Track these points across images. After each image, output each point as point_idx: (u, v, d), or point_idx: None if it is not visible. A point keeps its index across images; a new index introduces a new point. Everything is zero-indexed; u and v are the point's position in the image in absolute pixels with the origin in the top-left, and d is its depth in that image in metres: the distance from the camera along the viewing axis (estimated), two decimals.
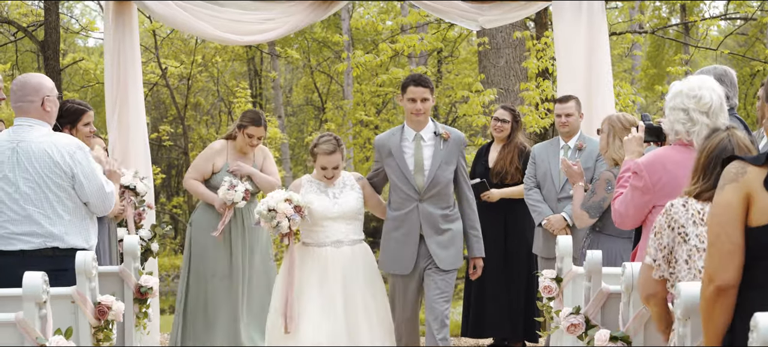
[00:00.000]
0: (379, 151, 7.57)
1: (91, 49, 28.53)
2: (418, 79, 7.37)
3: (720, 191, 3.79)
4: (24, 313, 4.92)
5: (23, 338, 4.89)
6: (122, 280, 6.54)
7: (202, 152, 8.86)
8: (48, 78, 6.27)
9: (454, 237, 7.43)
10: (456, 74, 21.44)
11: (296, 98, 30.30)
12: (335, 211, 7.23)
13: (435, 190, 7.34)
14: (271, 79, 25.32)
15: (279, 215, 6.95)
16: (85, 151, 6.06)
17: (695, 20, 16.92)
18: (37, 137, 5.97)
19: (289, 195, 7.02)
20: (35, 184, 5.91)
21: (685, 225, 4.49)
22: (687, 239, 4.49)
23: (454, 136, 7.47)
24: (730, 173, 3.77)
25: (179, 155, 24.46)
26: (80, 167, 5.96)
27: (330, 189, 7.30)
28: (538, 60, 13.47)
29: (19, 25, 15.91)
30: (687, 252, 4.49)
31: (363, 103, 20.82)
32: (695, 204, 4.49)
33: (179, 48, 22.33)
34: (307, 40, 23.94)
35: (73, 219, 5.98)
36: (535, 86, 13.47)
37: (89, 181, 5.99)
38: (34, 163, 5.91)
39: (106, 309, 5.74)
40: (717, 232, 3.75)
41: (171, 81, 19.96)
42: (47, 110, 6.07)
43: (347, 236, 7.26)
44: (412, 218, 7.39)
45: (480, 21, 9.58)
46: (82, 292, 5.61)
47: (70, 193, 5.97)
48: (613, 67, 24.09)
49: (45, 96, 6.05)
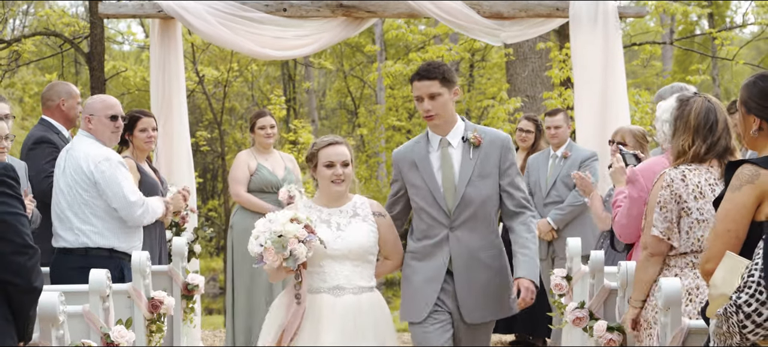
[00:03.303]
0: (399, 167, 5.88)
1: (126, 54, 29.15)
2: (422, 71, 5.73)
3: (736, 191, 4.10)
4: (90, 306, 5.40)
5: (89, 328, 5.34)
6: (171, 278, 7.15)
7: (233, 166, 9.44)
8: (104, 100, 7.03)
9: (493, 279, 5.74)
10: (488, 78, 21.76)
11: (329, 101, 30.71)
12: (338, 247, 5.48)
13: (468, 212, 5.67)
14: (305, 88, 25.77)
15: (291, 241, 5.26)
16: (112, 162, 6.67)
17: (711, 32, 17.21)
18: (79, 148, 6.74)
19: (293, 213, 5.38)
20: (70, 189, 6.65)
21: (687, 200, 5.08)
22: (690, 213, 5.09)
23: (489, 139, 5.76)
24: (746, 176, 4.08)
25: (215, 159, 24.89)
26: (102, 176, 6.61)
27: (334, 218, 5.59)
28: (560, 70, 13.74)
29: (66, 38, 16.34)
30: (688, 225, 5.11)
31: (395, 108, 21.20)
32: (693, 177, 5.07)
33: (216, 55, 22.79)
34: (340, 45, 24.38)
35: (104, 222, 6.65)
36: (558, 95, 13.75)
37: (111, 190, 6.61)
38: (72, 170, 6.67)
39: (159, 303, 6.34)
40: (728, 227, 4.06)
41: (207, 87, 20.43)
42: (90, 126, 6.81)
43: (351, 282, 5.49)
44: (440, 251, 5.70)
45: (502, 37, 9.97)
46: (138, 288, 6.22)
47: (100, 199, 6.62)
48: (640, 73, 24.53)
49: (88, 114, 6.84)
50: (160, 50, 9.79)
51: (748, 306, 3.60)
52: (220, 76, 21.26)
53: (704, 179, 5.14)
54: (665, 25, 21.77)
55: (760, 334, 3.62)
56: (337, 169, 5.56)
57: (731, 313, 3.64)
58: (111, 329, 5.46)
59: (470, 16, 9.72)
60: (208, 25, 9.66)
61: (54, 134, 7.53)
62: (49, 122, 7.62)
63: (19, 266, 4.23)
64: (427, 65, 5.76)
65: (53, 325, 4.74)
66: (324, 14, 9.86)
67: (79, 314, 5.33)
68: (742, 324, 3.61)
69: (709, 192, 5.08)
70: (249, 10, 9.74)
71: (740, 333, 3.62)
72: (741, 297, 3.63)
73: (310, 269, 5.46)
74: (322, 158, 5.59)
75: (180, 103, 9.85)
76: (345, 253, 5.49)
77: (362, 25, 10.23)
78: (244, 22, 9.74)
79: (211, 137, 22.72)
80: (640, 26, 25.64)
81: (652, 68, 23.64)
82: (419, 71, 5.74)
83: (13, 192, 4.29)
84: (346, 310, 5.41)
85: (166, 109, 9.67)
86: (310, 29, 9.98)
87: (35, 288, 4.33)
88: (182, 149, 9.79)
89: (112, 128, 6.86)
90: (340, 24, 9.99)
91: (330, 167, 5.57)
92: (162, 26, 9.78)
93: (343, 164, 5.58)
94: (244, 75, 23.65)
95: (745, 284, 3.64)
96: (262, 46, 9.96)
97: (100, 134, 6.83)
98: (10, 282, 4.25)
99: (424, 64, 5.80)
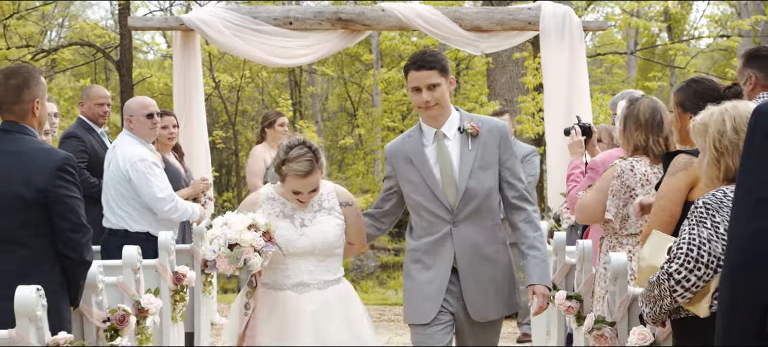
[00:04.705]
0: (392, 162, 5.04)
1: (151, 62, 29.24)
2: (419, 61, 4.87)
3: (672, 177, 4.30)
4: (123, 277, 5.55)
5: (123, 296, 5.48)
6: (192, 255, 7.34)
7: (249, 161, 9.51)
8: (140, 101, 7.25)
9: (499, 274, 4.95)
10: (472, 84, 21.88)
11: (331, 105, 30.80)
12: (301, 244, 4.73)
13: (471, 207, 4.85)
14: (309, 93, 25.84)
15: (246, 250, 4.52)
16: (146, 163, 6.87)
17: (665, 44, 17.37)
18: (120, 147, 6.98)
19: (252, 219, 4.59)
20: (113, 181, 6.90)
21: (635, 187, 5.28)
22: (636, 199, 5.20)
23: (487, 128, 4.94)
24: (681, 163, 4.29)
25: (229, 155, 24.94)
26: (136, 175, 6.83)
27: (297, 213, 4.80)
28: (533, 77, 13.78)
29: (98, 47, 16.47)
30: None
31: (390, 110, 21.30)
32: (640, 167, 5.26)
33: (230, 63, 22.90)
34: (341, 54, 24.49)
35: (139, 212, 6.89)
36: (531, 99, 13.79)
37: (141, 187, 6.83)
38: (114, 167, 6.92)
39: (182, 276, 6.53)
40: (663, 206, 4.28)
41: (223, 92, 20.51)
42: (131, 126, 7.06)
43: (316, 277, 4.76)
44: (443, 248, 4.88)
45: (481, 47, 10.09)
46: (164, 263, 6.43)
47: (135, 193, 6.84)
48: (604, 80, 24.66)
49: (128, 116, 7.09)
50: (181, 59, 9.87)
51: (678, 273, 3.71)
52: (234, 82, 21.36)
53: (649, 168, 5.34)
54: (629, 37, 21.93)
55: (686, 297, 3.80)
56: (303, 196, 4.78)
57: (663, 280, 3.77)
58: (141, 297, 5.61)
59: (453, 30, 9.80)
60: (224, 36, 9.75)
61: (84, 130, 7.75)
62: (81, 120, 7.89)
63: (75, 241, 4.56)
64: (423, 55, 4.92)
65: (93, 292, 4.92)
66: (325, 27, 9.94)
67: (114, 284, 5.48)
68: (672, 289, 3.74)
69: (654, 180, 5.24)
70: (260, 24, 9.81)
71: (671, 296, 3.77)
72: (672, 266, 3.74)
73: (272, 265, 4.71)
74: (290, 182, 4.75)
75: (199, 105, 9.96)
76: (309, 250, 4.73)
77: (359, 37, 10.33)
78: (255, 33, 9.82)
79: (226, 136, 22.79)
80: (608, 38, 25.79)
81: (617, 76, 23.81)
82: (416, 61, 4.88)
83: (73, 179, 4.59)
84: (313, 306, 4.69)
85: (187, 111, 9.76)
86: (313, 40, 10.05)
87: (87, 262, 4.64)
88: (201, 147, 9.90)
89: (149, 124, 7.08)
90: (340, 36, 10.08)
91: (297, 193, 4.78)
92: (183, 38, 9.86)
93: (312, 191, 4.79)
94: (255, 81, 23.73)
95: (675, 255, 3.76)
96: (271, 55, 10.04)
97: (139, 131, 7.06)
98: (66, 255, 4.57)
99: (420, 54, 4.94)
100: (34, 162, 4.53)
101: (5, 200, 4.46)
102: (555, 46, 9.82)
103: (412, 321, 4.93)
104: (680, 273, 3.73)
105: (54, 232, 4.54)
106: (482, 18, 9.99)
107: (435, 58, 4.87)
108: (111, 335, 4.98)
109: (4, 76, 4.69)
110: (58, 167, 4.53)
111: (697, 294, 3.77)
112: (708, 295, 3.75)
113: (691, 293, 3.76)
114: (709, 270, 3.70)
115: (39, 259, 4.51)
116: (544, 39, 9.92)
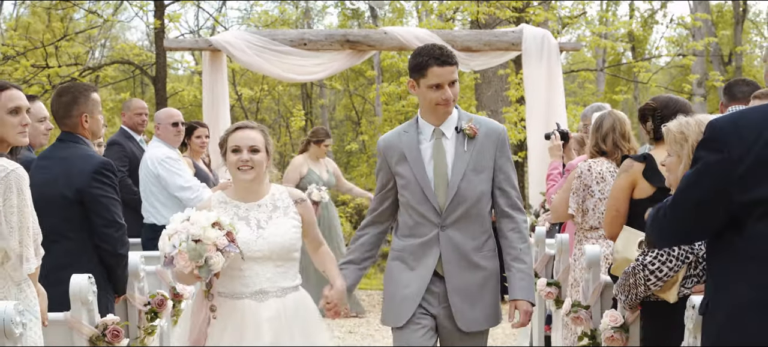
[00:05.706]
0: (385, 156, 4.26)
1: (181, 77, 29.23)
2: (442, 56, 4.05)
3: (618, 178, 4.42)
4: (161, 266, 5.53)
5: (161, 283, 5.51)
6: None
7: (289, 168, 9.44)
8: (166, 112, 7.25)
9: (487, 283, 4.19)
10: (461, 97, 21.87)
11: (338, 114, 30.82)
12: (259, 247, 3.98)
13: (460, 210, 4.12)
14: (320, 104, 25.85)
15: (209, 247, 3.73)
16: (172, 159, 6.86)
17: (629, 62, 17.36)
18: (150, 151, 6.99)
19: (216, 217, 3.81)
20: (145, 181, 6.90)
21: (591, 185, 5.31)
22: (593, 195, 5.30)
23: (485, 130, 4.19)
24: (625, 166, 4.41)
25: None
26: (163, 170, 6.79)
27: (253, 213, 4.05)
28: (516, 90, 13.74)
29: (136, 65, 16.52)
30: (593, 204, 5.32)
31: (390, 119, 21.30)
32: (596, 167, 5.28)
33: (250, 78, 22.93)
34: (347, 71, 24.47)
35: (165, 207, 6.83)
36: (514, 110, 13.76)
37: (168, 179, 6.77)
38: (144, 167, 6.92)
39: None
40: (611, 204, 4.42)
41: (244, 103, 20.51)
42: (159, 133, 7.06)
43: (275, 284, 4.00)
44: (428, 252, 4.15)
45: (471, 65, 10.19)
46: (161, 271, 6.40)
47: (164, 189, 6.81)
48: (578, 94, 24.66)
49: (157, 124, 7.09)
50: (210, 76, 9.91)
51: (652, 264, 3.74)
52: (254, 94, 21.32)
53: (606, 167, 5.33)
54: (598, 56, 21.95)
55: (658, 285, 3.82)
56: (243, 154, 4.01)
57: (638, 270, 3.79)
58: (177, 284, 5.57)
59: None
60: (247, 56, 9.76)
61: (125, 138, 7.71)
62: (123, 129, 7.86)
63: (108, 236, 4.62)
64: (442, 49, 4.10)
65: (136, 279, 4.96)
66: (335, 48, 9.98)
67: (154, 272, 5.50)
68: (646, 278, 3.77)
69: (609, 178, 5.27)
70: (278, 45, 9.82)
71: (645, 284, 3.80)
72: (647, 258, 3.76)
73: (229, 272, 3.93)
74: (229, 143, 4.05)
75: (225, 116, 9.97)
76: (267, 254, 3.98)
77: (364, 56, 10.37)
78: (274, 53, 9.84)
79: None
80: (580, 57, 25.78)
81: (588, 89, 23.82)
82: (440, 57, 4.05)
83: (109, 181, 4.63)
84: (272, 315, 3.94)
85: (214, 120, 9.75)
86: (324, 59, 10.08)
87: (120, 255, 4.68)
88: None
89: (174, 132, 7.08)
90: (347, 55, 10.12)
91: (236, 152, 4.02)
92: (211, 57, 9.89)
93: (252, 149, 4.02)
94: (272, 94, 23.70)
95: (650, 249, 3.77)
96: (288, 72, 10.10)
97: (165, 137, 7.07)
98: (102, 248, 4.64)
99: (438, 49, 4.10)
100: (76, 166, 4.63)
101: (52, 199, 4.54)
102: (535, 64, 9.87)
103: (387, 323, 4.22)
104: (654, 264, 3.75)
105: (90, 227, 4.61)
106: (472, 40, 10.04)
107: (452, 54, 4.13)
108: (151, 317, 5.03)
109: (57, 94, 4.85)
110: (95, 170, 4.62)
111: (667, 283, 3.79)
112: (677, 284, 3.77)
113: (663, 282, 3.78)
114: (678, 261, 3.72)
115: (80, 250, 4.58)
116: (525, 58, 9.96)
